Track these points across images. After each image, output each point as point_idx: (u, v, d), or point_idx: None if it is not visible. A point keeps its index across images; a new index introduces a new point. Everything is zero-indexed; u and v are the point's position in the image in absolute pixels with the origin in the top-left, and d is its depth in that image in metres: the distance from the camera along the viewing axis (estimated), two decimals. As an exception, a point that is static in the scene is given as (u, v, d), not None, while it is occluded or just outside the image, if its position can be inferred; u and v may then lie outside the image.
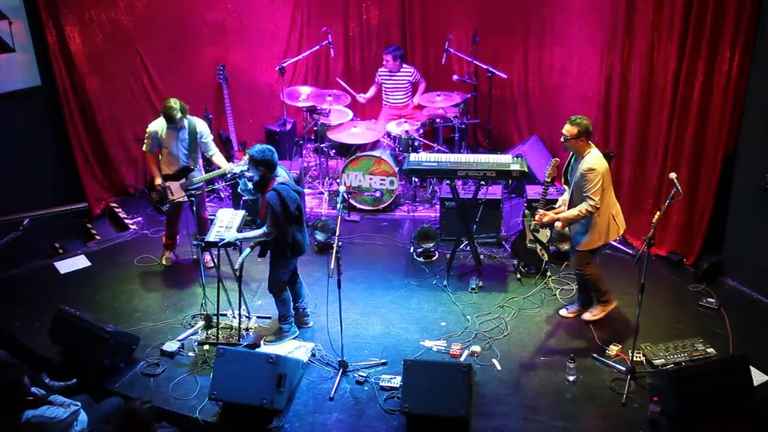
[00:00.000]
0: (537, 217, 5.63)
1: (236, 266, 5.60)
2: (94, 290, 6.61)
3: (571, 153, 5.59)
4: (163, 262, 6.99)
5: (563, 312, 6.06)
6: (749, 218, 6.16)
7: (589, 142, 5.48)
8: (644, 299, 5.11)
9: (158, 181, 6.49)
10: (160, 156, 6.51)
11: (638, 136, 6.80)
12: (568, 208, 5.56)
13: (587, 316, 5.95)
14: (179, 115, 6.27)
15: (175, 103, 6.27)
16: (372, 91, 8.54)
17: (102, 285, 6.69)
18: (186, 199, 6.41)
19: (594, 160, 5.39)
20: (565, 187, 5.76)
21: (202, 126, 6.53)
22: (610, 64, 6.97)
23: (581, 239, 5.58)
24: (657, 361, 5.39)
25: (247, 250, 5.64)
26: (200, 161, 6.66)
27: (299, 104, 8.31)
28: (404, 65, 8.30)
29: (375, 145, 7.86)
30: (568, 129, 5.43)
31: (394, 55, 8.14)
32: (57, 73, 7.32)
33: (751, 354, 5.18)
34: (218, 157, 6.60)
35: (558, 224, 5.60)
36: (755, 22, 5.76)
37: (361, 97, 8.51)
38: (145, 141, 6.48)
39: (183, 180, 6.48)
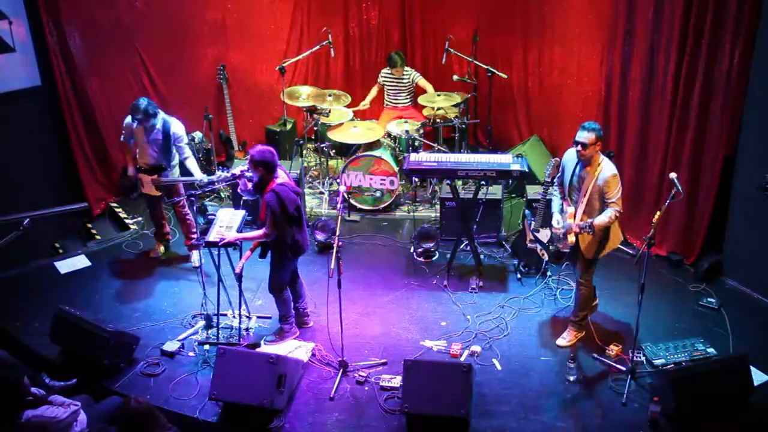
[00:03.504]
0: (574, 227, 5.27)
1: (237, 269, 5.61)
2: (94, 290, 6.61)
3: (576, 162, 5.36)
4: (150, 254, 7.11)
5: (560, 342, 5.83)
6: (749, 218, 6.16)
7: None
8: (644, 299, 5.11)
9: (130, 171, 6.65)
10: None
11: (638, 136, 6.80)
12: (583, 218, 5.30)
13: (561, 342, 5.76)
14: (139, 115, 6.33)
15: (140, 103, 6.34)
16: (374, 93, 8.54)
17: (102, 285, 6.69)
18: (155, 193, 6.63)
19: (612, 165, 5.26)
20: (557, 195, 5.58)
21: (177, 128, 6.52)
22: (610, 64, 6.97)
23: (595, 247, 5.42)
24: (657, 361, 5.39)
25: (248, 253, 5.64)
26: (175, 159, 6.65)
27: (299, 104, 8.31)
28: (405, 67, 8.32)
29: (375, 145, 7.86)
30: (585, 136, 5.14)
31: (403, 60, 8.17)
32: (57, 73, 7.31)
33: (751, 354, 5.18)
34: (191, 162, 6.59)
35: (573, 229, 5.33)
36: (755, 21, 5.76)
37: (363, 105, 8.51)
38: (122, 132, 6.68)
39: (155, 176, 6.55)
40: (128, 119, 6.56)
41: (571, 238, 5.40)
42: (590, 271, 5.60)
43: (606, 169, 5.24)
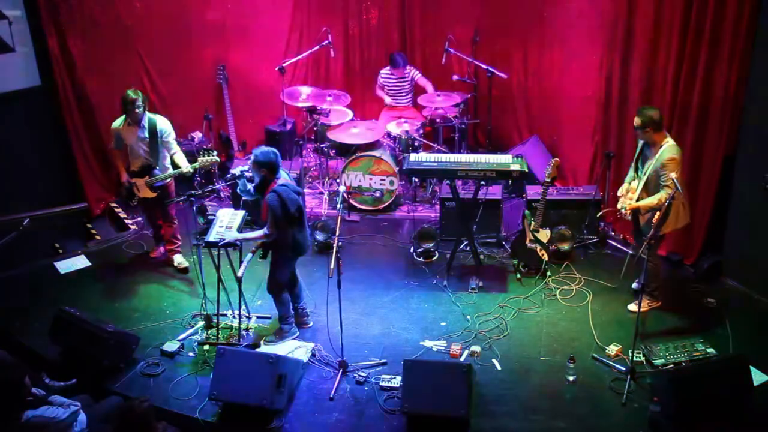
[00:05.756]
0: (626, 207, 5.62)
1: (239, 273, 5.61)
2: (94, 290, 6.61)
3: (643, 141, 5.63)
4: (151, 254, 7.11)
5: (632, 307, 5.99)
6: (749, 218, 6.15)
7: (663, 131, 5.54)
8: (644, 299, 5.09)
9: (123, 177, 6.59)
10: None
11: (638, 136, 6.80)
12: (642, 195, 5.58)
13: (633, 307, 5.92)
14: (139, 109, 6.29)
15: (134, 93, 6.31)
16: (381, 94, 8.58)
17: (102, 285, 6.69)
18: (152, 195, 6.58)
19: (673, 150, 5.46)
20: (631, 174, 5.83)
21: (163, 124, 6.51)
22: (610, 64, 6.97)
23: (649, 223, 5.53)
24: (657, 361, 5.39)
25: (249, 255, 5.64)
26: (167, 160, 6.62)
27: (299, 104, 8.31)
28: (407, 66, 8.34)
29: (375, 145, 7.87)
30: (636, 121, 5.52)
31: (405, 60, 8.19)
32: (57, 73, 7.32)
33: (751, 354, 5.18)
34: (179, 156, 6.55)
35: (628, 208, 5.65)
36: (755, 22, 5.76)
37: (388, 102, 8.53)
38: (111, 139, 6.61)
39: (146, 177, 6.52)
40: (116, 123, 6.50)
41: (622, 209, 5.66)
42: (657, 247, 5.75)
43: (667, 151, 5.45)
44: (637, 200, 5.61)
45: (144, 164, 6.51)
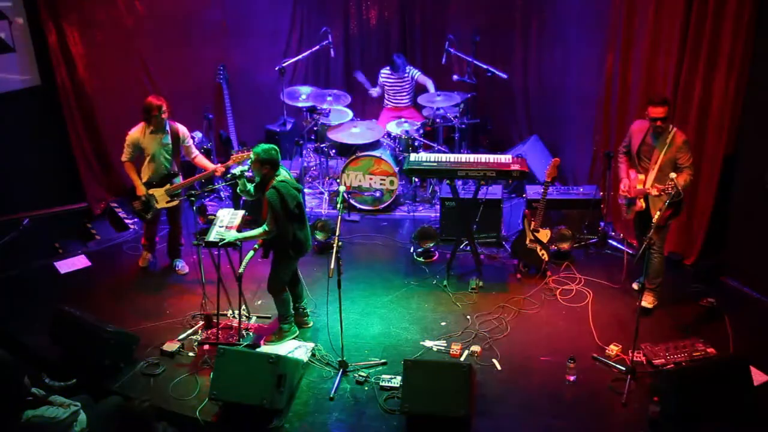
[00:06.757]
0: (651, 190, 5.52)
1: (240, 270, 5.61)
2: (94, 290, 6.61)
3: (645, 132, 5.62)
4: (140, 263, 6.97)
5: (645, 303, 5.93)
6: (749, 218, 6.15)
7: None
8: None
9: (140, 191, 6.43)
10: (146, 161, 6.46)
11: (638, 136, 6.79)
12: (651, 183, 5.57)
13: (644, 303, 5.84)
14: (164, 115, 6.27)
15: (158, 99, 6.27)
16: (376, 92, 8.58)
17: (102, 285, 6.69)
18: (171, 204, 6.51)
19: (681, 132, 5.54)
20: (624, 163, 5.84)
21: (183, 129, 6.52)
22: (610, 64, 6.97)
23: (666, 213, 5.46)
24: (657, 361, 5.38)
25: (251, 253, 5.64)
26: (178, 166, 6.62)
27: (299, 104, 8.31)
28: (407, 67, 8.34)
29: (375, 145, 7.86)
30: (661, 111, 5.42)
31: (404, 62, 8.20)
32: (57, 73, 7.32)
33: (751, 354, 5.18)
34: (201, 159, 6.59)
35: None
36: (755, 21, 5.76)
37: (374, 91, 8.54)
38: (125, 150, 6.39)
39: (167, 186, 6.47)
40: (135, 133, 6.36)
41: (641, 203, 5.65)
42: (661, 237, 5.74)
43: (678, 136, 5.51)
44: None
45: (163, 173, 6.44)
